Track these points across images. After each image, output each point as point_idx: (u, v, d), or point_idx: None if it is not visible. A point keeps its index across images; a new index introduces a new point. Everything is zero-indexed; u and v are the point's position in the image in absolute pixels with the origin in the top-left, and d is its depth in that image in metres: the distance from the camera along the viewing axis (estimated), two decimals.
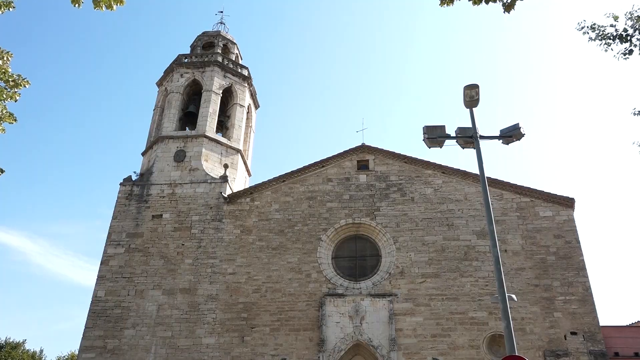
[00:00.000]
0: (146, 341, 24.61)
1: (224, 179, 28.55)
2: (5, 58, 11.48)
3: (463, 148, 13.49)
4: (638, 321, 25.63)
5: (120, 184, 29.14)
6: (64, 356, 40.25)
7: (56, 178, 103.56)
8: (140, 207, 28.11)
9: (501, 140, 13.42)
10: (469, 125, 13.41)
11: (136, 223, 27.69)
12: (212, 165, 29.66)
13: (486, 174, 13.38)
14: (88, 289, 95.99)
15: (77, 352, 25.80)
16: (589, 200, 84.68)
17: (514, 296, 10.86)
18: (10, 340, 34.70)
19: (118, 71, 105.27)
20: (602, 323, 23.14)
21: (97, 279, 26.40)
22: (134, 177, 29.62)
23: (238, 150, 31.38)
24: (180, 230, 27.21)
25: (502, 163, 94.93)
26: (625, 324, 26.33)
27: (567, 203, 25.72)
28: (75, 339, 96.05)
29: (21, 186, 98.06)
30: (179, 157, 29.50)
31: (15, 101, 11.65)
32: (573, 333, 22.77)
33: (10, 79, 11.46)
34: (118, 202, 28.51)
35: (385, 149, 28.53)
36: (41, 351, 36.39)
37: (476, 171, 24.35)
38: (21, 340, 35.06)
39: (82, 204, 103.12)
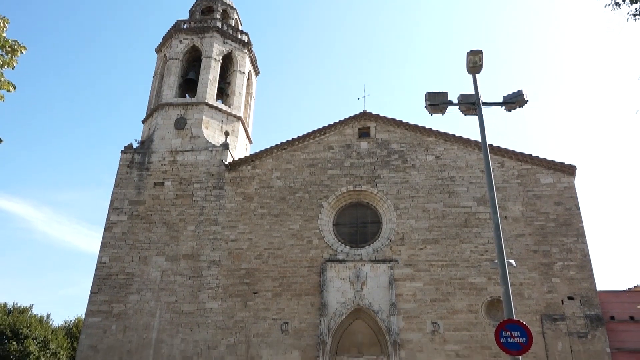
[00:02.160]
0: (151, 306, 25.10)
1: (225, 146, 28.52)
2: (1, 24, 11.29)
3: (465, 115, 13.41)
4: (635, 286, 26.02)
5: (122, 151, 29.15)
6: (71, 320, 41.16)
7: (58, 146, 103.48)
8: (142, 175, 28.21)
9: (504, 107, 13.32)
10: (472, 92, 13.29)
11: (138, 190, 27.84)
12: (212, 133, 29.58)
13: (488, 141, 13.34)
14: (92, 256, 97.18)
15: (83, 317, 26.35)
16: (591, 167, 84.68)
17: (513, 262, 11.02)
18: (18, 306, 35.42)
19: (117, 36, 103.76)
20: (599, 288, 23.53)
21: (100, 246, 26.74)
22: (135, 145, 29.62)
23: (239, 118, 31.24)
24: (182, 198, 27.38)
25: (503, 131, 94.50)
26: (622, 289, 26.73)
27: (568, 170, 25.75)
28: (81, 304, 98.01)
29: (23, 155, 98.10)
30: (180, 124, 29.40)
31: (13, 68, 11.50)
32: (570, 298, 23.16)
33: (6, 45, 11.29)
34: (120, 169, 28.60)
35: (386, 116, 28.40)
36: (48, 316, 37.19)
37: (478, 139, 24.29)
38: (28, 306, 35.80)
39: (85, 172, 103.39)
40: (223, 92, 32.46)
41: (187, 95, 32.23)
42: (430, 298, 23.81)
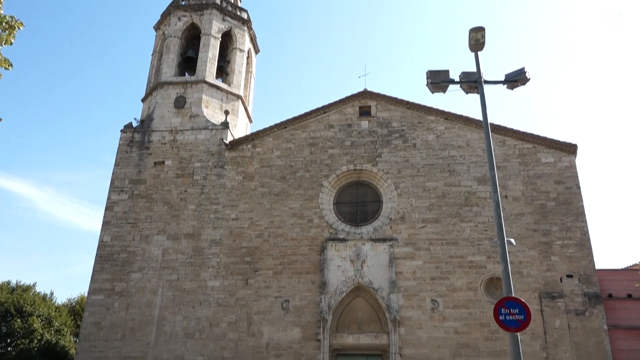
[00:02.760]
0: (153, 284, 25.34)
1: (225, 125, 28.42)
2: None
3: (467, 93, 13.32)
4: (633, 264, 26.18)
5: (121, 130, 29.07)
6: (74, 298, 41.60)
7: (58, 127, 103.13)
8: (142, 154, 28.18)
9: (506, 85, 13.21)
10: (474, 70, 13.18)
11: (138, 170, 27.85)
12: (212, 112, 29.44)
13: (489, 120, 13.27)
14: (94, 235, 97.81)
15: (86, 295, 26.63)
16: (592, 146, 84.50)
17: (512, 240, 11.07)
18: (21, 284, 35.76)
19: (116, 14, 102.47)
20: (598, 266, 23.72)
21: (102, 225, 26.87)
22: (134, 124, 29.51)
23: (238, 97, 31.05)
24: (182, 177, 27.40)
25: (505, 110, 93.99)
26: (620, 267, 26.91)
27: (570, 149, 25.70)
28: (84, 283, 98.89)
29: (24, 135, 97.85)
30: (179, 103, 29.25)
31: (10, 44, 11.35)
32: (569, 276, 23.35)
33: (3, 22, 11.12)
34: (119, 149, 28.56)
35: (387, 94, 28.23)
36: (51, 293, 37.54)
37: (479, 117, 24.17)
38: (31, 284, 36.14)
39: (86, 152, 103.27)
40: (223, 71, 32.19)
41: (186, 73, 31.99)
42: (430, 276, 24.00)
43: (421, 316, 23.34)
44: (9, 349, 31.91)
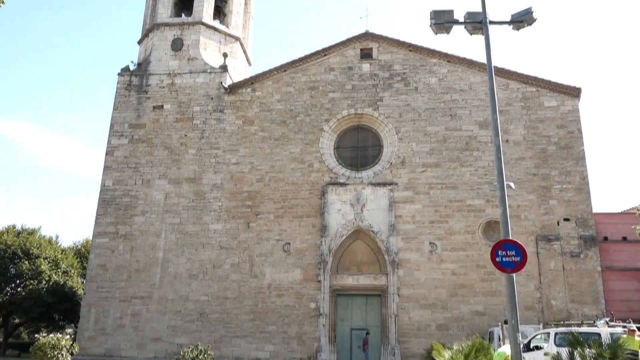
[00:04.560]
0: (156, 227, 25.76)
1: (224, 68, 27.91)
2: None
3: (471, 34, 12.92)
4: (631, 208, 26.45)
5: (119, 74, 28.58)
6: (79, 241, 42.33)
7: (54, 68, 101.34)
8: (141, 98, 27.86)
9: (511, 26, 12.82)
10: (479, 10, 12.75)
11: (137, 114, 27.62)
12: (211, 54, 28.83)
13: (493, 63, 13.00)
14: (97, 180, 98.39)
15: (91, 238, 27.13)
16: (596, 90, 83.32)
17: (512, 184, 11.12)
18: (27, 227, 36.27)
19: None
20: (595, 210, 23.99)
21: (103, 169, 26.98)
22: (131, 67, 28.98)
23: (237, 38, 30.29)
24: (182, 121, 27.23)
25: (509, 54, 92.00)
26: (617, 211, 27.23)
27: (573, 93, 25.37)
28: (88, 227, 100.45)
29: (18, 76, 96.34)
30: (177, 45, 28.59)
31: None
32: (566, 219, 23.67)
33: None
34: (118, 92, 28.20)
35: (389, 36, 27.53)
36: (57, 237, 38.14)
37: (483, 60, 23.69)
38: (37, 227, 36.64)
39: (85, 95, 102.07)
40: (220, 11, 31.23)
41: (182, 14, 31.03)
42: (429, 219, 24.34)
43: (419, 258, 23.86)
44: (19, 289, 32.85)
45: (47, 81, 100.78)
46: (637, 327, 14.61)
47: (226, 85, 27.53)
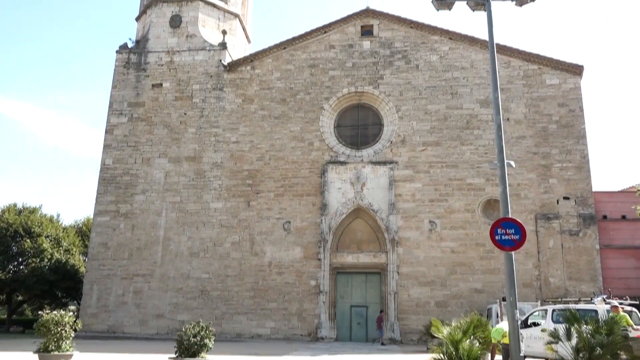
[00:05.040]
0: (156, 206, 25.84)
1: (223, 46, 27.63)
2: None
3: (473, 11, 12.74)
4: (630, 187, 26.47)
5: (117, 51, 28.31)
6: (81, 220, 42.45)
7: (57, 48, 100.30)
8: (140, 76, 27.66)
9: (514, 2, 12.64)
10: None
11: (136, 92, 27.46)
12: (210, 32, 28.51)
13: (495, 40, 12.85)
14: (98, 159, 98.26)
15: (92, 216, 27.24)
16: (598, 68, 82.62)
17: (512, 162, 11.08)
18: (28, 206, 36.33)
19: None
20: (595, 189, 24.03)
21: (103, 148, 26.94)
22: (130, 45, 28.68)
23: (236, 15, 29.91)
24: (181, 100, 27.08)
25: (512, 30, 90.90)
26: (617, 190, 27.26)
27: (575, 70, 25.17)
28: (88, 205, 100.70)
29: (22, 57, 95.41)
30: (175, 22, 28.24)
31: None
32: (566, 198, 23.72)
33: None
34: (116, 70, 27.98)
35: (390, 13, 27.20)
36: (58, 215, 38.26)
37: (485, 37, 23.43)
38: (38, 206, 36.71)
39: (87, 75, 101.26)
40: None
41: None
42: (429, 198, 24.40)
43: (419, 236, 23.99)
44: (21, 267, 33.10)
45: (47, 59, 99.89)
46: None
47: (225, 63, 27.30)
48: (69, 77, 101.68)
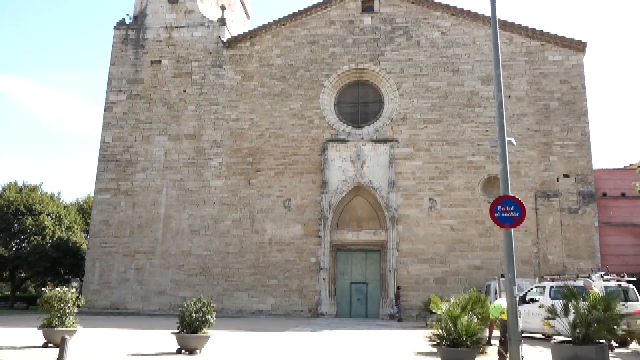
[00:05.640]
0: (157, 184, 25.88)
1: (222, 22, 27.28)
2: None
3: None
4: (631, 164, 26.44)
5: (114, 27, 27.97)
6: (81, 197, 42.58)
7: (55, 25, 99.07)
8: (138, 53, 27.38)
9: None
10: None
11: (135, 69, 27.22)
12: (208, 7, 28.11)
13: (498, 16, 12.68)
14: (98, 137, 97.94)
15: (93, 194, 27.30)
16: (601, 44, 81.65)
17: (513, 140, 11.03)
18: (28, 184, 36.39)
19: None
20: (595, 166, 24.01)
21: (102, 126, 26.85)
22: (127, 21, 28.31)
23: None
24: (180, 77, 26.87)
25: (514, 6, 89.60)
26: (618, 167, 27.25)
27: (578, 47, 24.90)
28: (89, 183, 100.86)
29: (20, 35, 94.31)
30: None
31: None
32: (566, 176, 23.73)
33: None
34: (114, 47, 27.69)
35: None
36: (59, 193, 38.37)
37: (487, 13, 23.12)
38: (38, 184, 36.77)
39: (86, 52, 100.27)
40: None
41: None
42: (429, 176, 24.40)
43: (419, 214, 24.07)
44: (23, 244, 33.34)
45: (45, 36, 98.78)
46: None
47: (224, 40, 27.00)
48: (67, 54, 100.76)
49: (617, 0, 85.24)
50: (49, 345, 11.53)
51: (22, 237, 33.48)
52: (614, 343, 12.31)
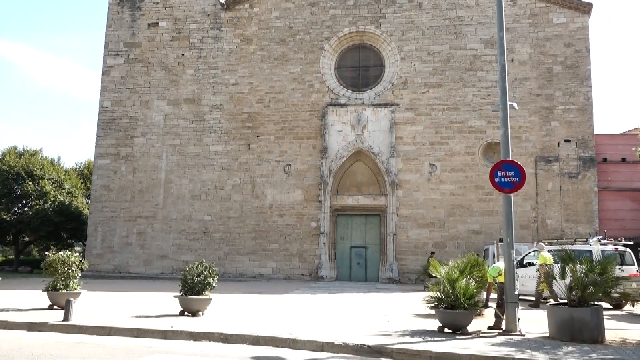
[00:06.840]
0: (157, 149, 25.82)
1: None
2: None
3: None
4: (633, 129, 26.33)
5: None
6: (82, 162, 42.53)
7: None
8: (135, 15, 26.84)
9: None
10: None
11: (132, 32, 26.75)
12: None
13: None
14: (96, 102, 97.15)
15: (93, 160, 27.29)
16: (606, 6, 79.90)
17: (514, 104, 10.93)
18: (28, 149, 36.29)
19: None
20: (597, 131, 23.90)
21: (100, 90, 26.58)
22: None
23: None
24: (178, 40, 26.42)
25: None
26: (619, 132, 27.13)
27: (584, 8, 24.39)
28: (89, 148, 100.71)
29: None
30: None
31: None
32: (567, 140, 23.65)
33: None
34: (110, 9, 27.13)
35: None
36: (59, 158, 38.29)
37: None
38: (38, 149, 36.65)
39: (83, 15, 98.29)
40: None
41: None
42: (430, 141, 24.33)
43: (419, 179, 24.12)
44: (25, 209, 33.52)
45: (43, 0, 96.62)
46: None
47: (223, 1, 26.41)
48: (66, 16, 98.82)
49: None
50: (54, 307, 11.77)
51: (24, 202, 33.62)
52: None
